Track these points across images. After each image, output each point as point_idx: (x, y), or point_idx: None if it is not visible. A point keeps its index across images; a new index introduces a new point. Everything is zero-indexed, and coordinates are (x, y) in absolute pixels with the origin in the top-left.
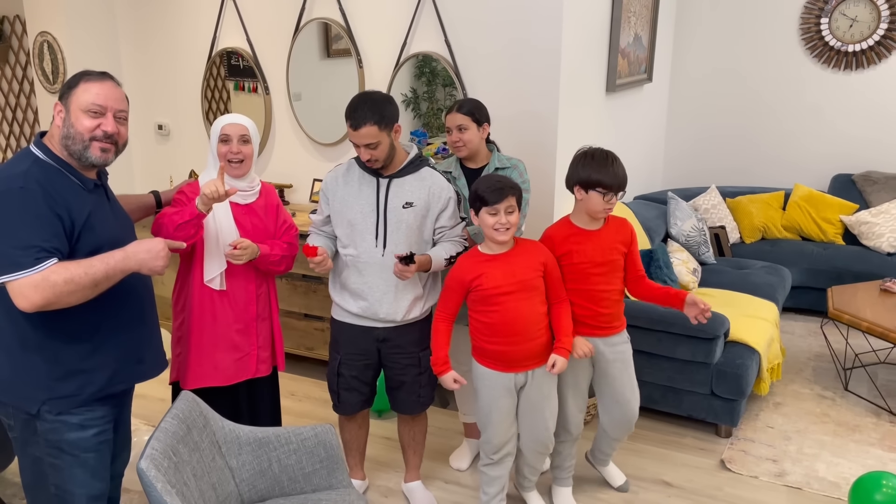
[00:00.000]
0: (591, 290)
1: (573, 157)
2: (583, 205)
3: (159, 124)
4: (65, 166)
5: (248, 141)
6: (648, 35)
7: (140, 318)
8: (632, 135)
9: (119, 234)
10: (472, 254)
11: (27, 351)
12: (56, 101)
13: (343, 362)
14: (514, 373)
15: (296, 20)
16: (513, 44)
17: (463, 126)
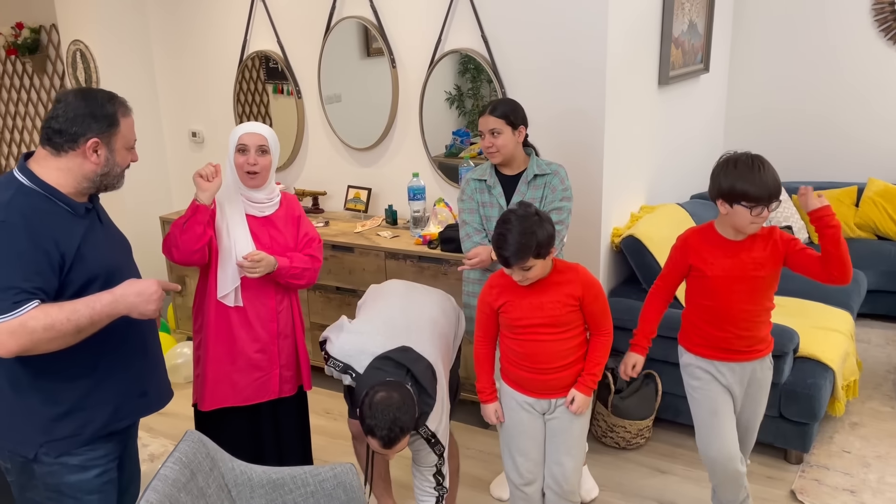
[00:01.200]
0: (725, 308)
1: (715, 164)
2: (728, 219)
3: (193, 131)
4: (52, 192)
5: (267, 151)
6: (704, 22)
7: (142, 350)
8: (687, 130)
9: (114, 260)
10: (502, 274)
11: (20, 392)
12: (93, 138)
13: None
14: (537, 398)
15: (326, 19)
16: (554, 36)
17: (496, 130)
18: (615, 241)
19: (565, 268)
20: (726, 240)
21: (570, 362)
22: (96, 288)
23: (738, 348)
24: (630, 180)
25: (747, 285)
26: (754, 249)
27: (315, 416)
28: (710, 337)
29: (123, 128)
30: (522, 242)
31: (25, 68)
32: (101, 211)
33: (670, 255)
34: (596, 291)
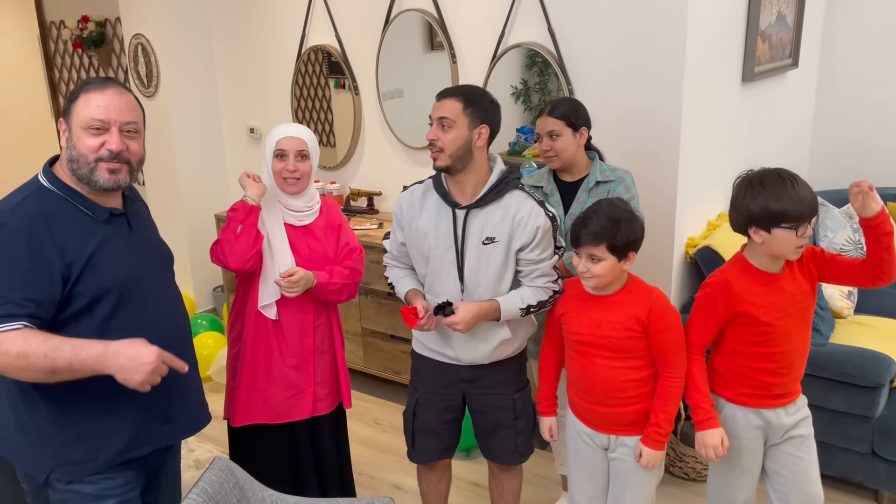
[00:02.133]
0: (787, 352)
1: (735, 191)
2: (764, 248)
3: (251, 127)
4: (72, 194)
5: (307, 157)
6: (795, 13)
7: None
8: (772, 130)
9: (136, 272)
10: (573, 282)
11: (32, 410)
12: (60, 119)
13: (420, 401)
14: (596, 431)
15: (385, 12)
16: (628, 30)
17: (555, 132)
18: (689, 253)
19: (638, 288)
20: (768, 273)
21: (632, 397)
22: (109, 302)
23: (790, 390)
24: (707, 185)
25: (800, 319)
26: (797, 276)
27: (364, 427)
28: (764, 385)
29: (81, 103)
30: (603, 225)
31: (91, 62)
32: (135, 217)
33: (705, 304)
34: (668, 322)
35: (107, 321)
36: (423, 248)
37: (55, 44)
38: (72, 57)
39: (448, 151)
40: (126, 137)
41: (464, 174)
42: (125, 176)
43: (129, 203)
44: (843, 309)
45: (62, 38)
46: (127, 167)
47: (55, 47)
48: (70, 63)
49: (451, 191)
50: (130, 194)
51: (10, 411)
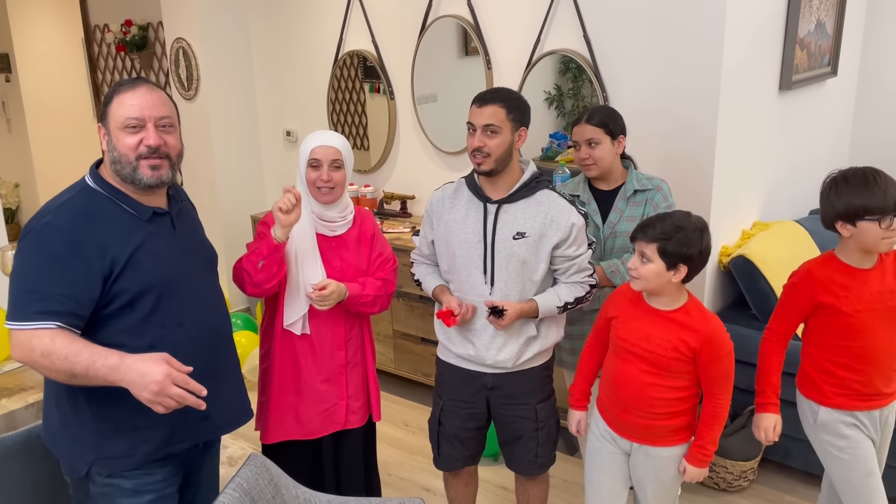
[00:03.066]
0: (868, 346)
1: (822, 189)
2: (853, 242)
3: (287, 130)
4: (116, 194)
5: (341, 166)
6: (834, 20)
7: (204, 370)
8: (809, 139)
9: (177, 272)
10: (626, 289)
11: (74, 404)
12: (99, 125)
13: (445, 409)
14: (618, 435)
15: (422, 18)
16: (663, 37)
17: (594, 140)
18: (723, 261)
19: (698, 313)
20: (855, 268)
21: (662, 413)
22: (150, 300)
23: (883, 391)
24: (742, 194)
25: (887, 317)
26: (888, 273)
27: (394, 429)
28: (852, 383)
29: (115, 104)
30: (664, 228)
31: (133, 64)
32: (180, 216)
33: (789, 294)
34: (720, 353)
35: (147, 318)
36: (451, 243)
37: (99, 47)
38: (115, 60)
39: (494, 156)
40: (162, 132)
41: (502, 175)
42: (167, 171)
43: (174, 203)
44: None
45: (106, 41)
46: (167, 162)
47: (99, 50)
48: (113, 66)
49: (483, 188)
50: (175, 194)
51: (54, 406)
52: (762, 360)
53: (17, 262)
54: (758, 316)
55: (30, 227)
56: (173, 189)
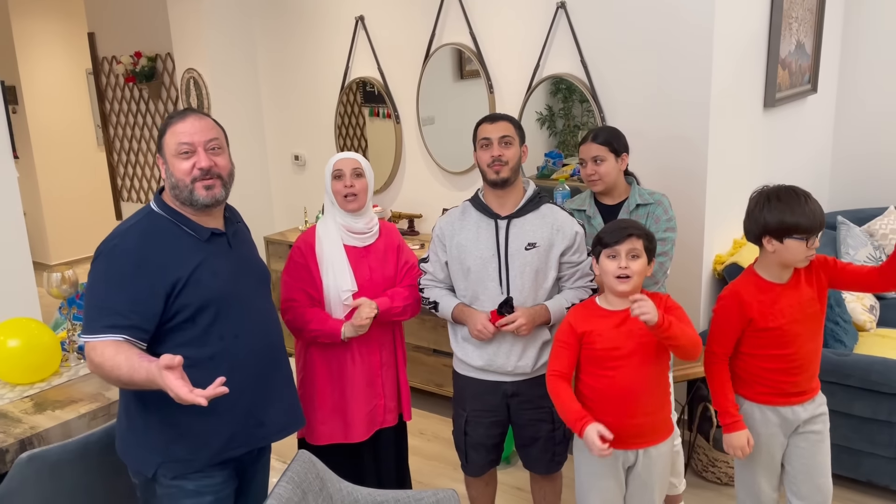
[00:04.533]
0: (796, 353)
1: (750, 202)
2: (775, 257)
3: (296, 155)
4: (178, 217)
5: (362, 175)
6: (813, 41)
7: (260, 380)
8: (793, 151)
9: (233, 288)
10: (586, 304)
11: (144, 410)
12: (158, 155)
13: (470, 420)
14: (623, 450)
15: (426, 47)
16: (657, 60)
17: (599, 157)
18: (717, 269)
19: (656, 296)
20: (775, 284)
21: (658, 404)
22: (209, 314)
23: (804, 388)
24: (733, 205)
25: (810, 324)
26: (802, 285)
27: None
28: (780, 384)
29: (168, 135)
30: (636, 224)
31: (142, 94)
32: (235, 236)
33: (721, 315)
34: (681, 313)
35: (207, 331)
36: (464, 261)
37: (107, 78)
38: (122, 90)
39: (511, 165)
40: (212, 154)
41: (510, 189)
42: (220, 190)
43: (230, 224)
44: (865, 322)
45: (114, 72)
46: (220, 181)
47: (107, 81)
48: (121, 96)
49: (491, 205)
50: (231, 216)
51: (124, 414)
52: (715, 382)
53: (90, 281)
54: None
55: (101, 249)
56: (229, 211)
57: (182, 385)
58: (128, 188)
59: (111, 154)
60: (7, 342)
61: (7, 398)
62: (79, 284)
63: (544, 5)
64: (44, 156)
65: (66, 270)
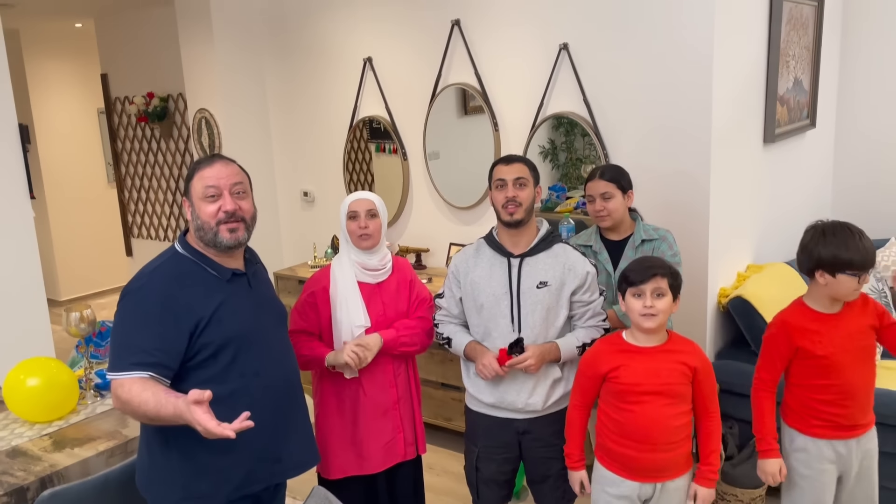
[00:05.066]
0: (845, 384)
1: (805, 235)
2: (827, 290)
3: (304, 191)
4: (201, 258)
5: (376, 215)
6: (810, 78)
7: (278, 416)
8: (794, 185)
9: (253, 327)
10: (613, 339)
11: (165, 446)
12: (184, 199)
13: (481, 456)
14: (640, 482)
15: (432, 87)
16: (658, 98)
17: (608, 194)
18: (722, 302)
19: (681, 339)
20: (825, 314)
21: (678, 441)
22: (230, 352)
23: (860, 422)
24: (736, 239)
25: (860, 355)
26: (854, 318)
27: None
28: (831, 416)
29: (196, 179)
30: (660, 262)
31: (154, 133)
32: (255, 277)
33: (769, 344)
34: (710, 368)
35: (228, 368)
36: (477, 298)
37: (119, 117)
38: (134, 129)
39: (525, 206)
40: (237, 198)
41: (524, 228)
42: (243, 233)
43: (250, 265)
44: None
45: (127, 112)
46: (243, 224)
47: (119, 121)
48: (133, 135)
49: (504, 244)
50: (251, 257)
51: (145, 449)
52: (758, 408)
53: (117, 320)
54: (756, 352)
55: (127, 289)
56: (249, 252)
57: (210, 419)
58: (138, 225)
59: (122, 191)
60: (27, 381)
61: (26, 436)
62: (96, 323)
63: (547, 46)
64: (55, 193)
65: (85, 310)
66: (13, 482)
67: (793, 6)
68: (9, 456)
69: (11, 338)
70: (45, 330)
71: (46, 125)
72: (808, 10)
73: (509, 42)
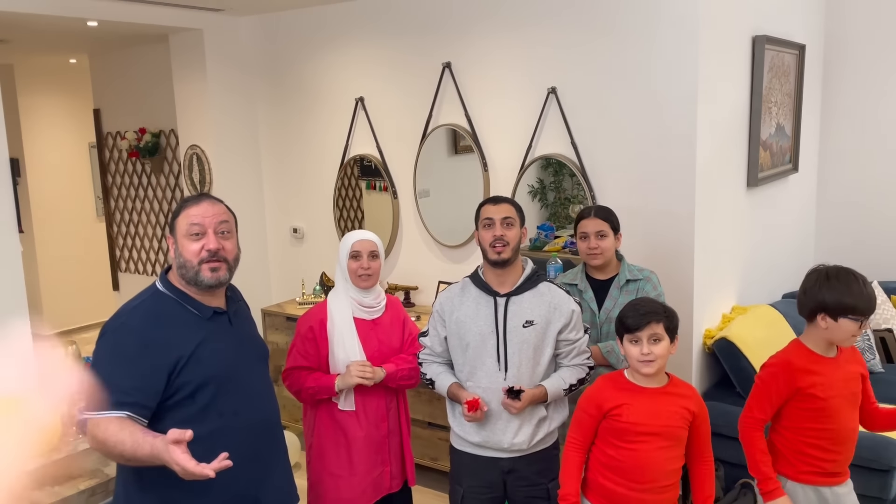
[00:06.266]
0: (839, 429)
1: (808, 279)
2: (826, 334)
3: (294, 227)
4: (182, 297)
5: (377, 256)
6: (792, 123)
7: (256, 457)
8: (777, 229)
9: (233, 366)
10: (615, 378)
11: (140, 490)
12: (168, 236)
13: (466, 496)
14: None
15: (423, 128)
16: (644, 141)
17: (602, 233)
18: (707, 343)
19: (682, 383)
20: (825, 357)
21: (671, 484)
22: (209, 391)
23: (842, 470)
24: (721, 281)
25: (852, 401)
26: (846, 363)
27: None
28: (820, 461)
29: (181, 217)
30: (657, 307)
31: (144, 168)
32: (236, 315)
33: (768, 382)
34: (706, 414)
35: (206, 408)
36: (463, 336)
37: (110, 152)
38: (125, 164)
39: (511, 245)
40: (221, 238)
41: (510, 268)
42: (224, 273)
43: (231, 303)
44: None
45: (118, 147)
46: (225, 265)
47: (110, 155)
48: (124, 169)
49: (490, 283)
50: (233, 295)
51: (121, 492)
52: (753, 447)
53: (95, 359)
54: (742, 394)
55: (106, 328)
56: (231, 290)
57: (188, 459)
58: (126, 259)
59: (111, 226)
60: None
61: None
62: (81, 359)
63: (536, 89)
64: (43, 225)
65: (70, 346)
66: None
67: (774, 54)
68: None
69: None
70: None
71: (37, 159)
72: (789, 58)
73: (499, 85)
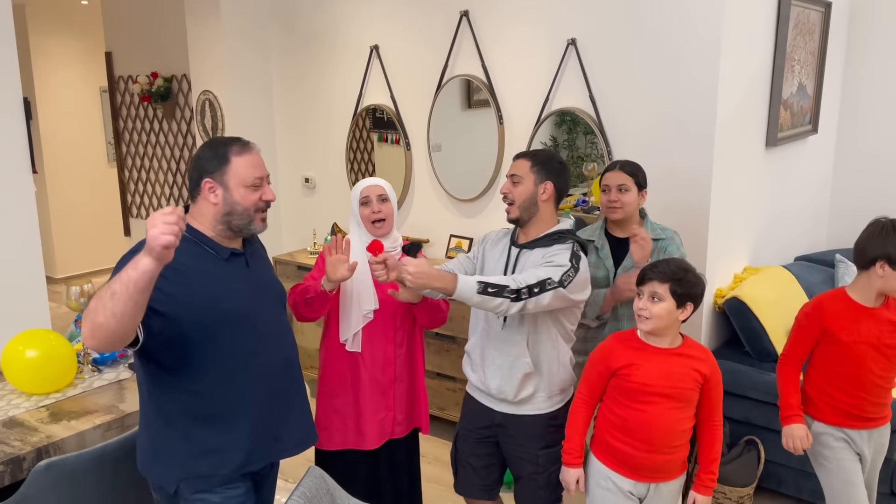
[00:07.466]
0: (862, 375)
1: (868, 228)
2: (880, 283)
3: (306, 177)
4: (199, 237)
5: (387, 199)
6: (814, 83)
7: (276, 396)
8: (793, 190)
9: (250, 306)
10: (627, 336)
11: (165, 427)
12: (206, 178)
13: (461, 435)
14: (636, 480)
15: (439, 77)
16: (663, 96)
17: (625, 186)
18: (718, 303)
19: (696, 345)
20: (862, 306)
21: (679, 445)
22: (227, 331)
23: (870, 415)
24: (734, 241)
25: (883, 352)
26: (890, 315)
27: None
28: (842, 404)
29: (235, 165)
30: (672, 268)
31: (156, 113)
32: (253, 256)
33: (801, 323)
34: (719, 377)
35: (223, 347)
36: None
37: (122, 96)
38: (137, 108)
39: (517, 203)
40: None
41: (530, 225)
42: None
43: (248, 244)
44: None
45: (130, 91)
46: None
47: (122, 99)
48: (135, 114)
49: (518, 236)
50: (249, 237)
51: (144, 429)
52: (783, 382)
53: None
54: (751, 353)
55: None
56: None
57: None
58: (137, 205)
59: (122, 171)
60: (25, 352)
61: (23, 407)
62: None
63: (555, 41)
64: (54, 169)
65: (86, 284)
66: (10, 452)
67: (800, 10)
68: (5, 426)
69: (9, 311)
70: (42, 305)
71: (48, 101)
72: (815, 16)
73: (517, 35)
